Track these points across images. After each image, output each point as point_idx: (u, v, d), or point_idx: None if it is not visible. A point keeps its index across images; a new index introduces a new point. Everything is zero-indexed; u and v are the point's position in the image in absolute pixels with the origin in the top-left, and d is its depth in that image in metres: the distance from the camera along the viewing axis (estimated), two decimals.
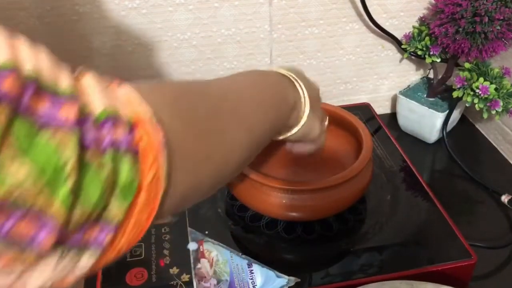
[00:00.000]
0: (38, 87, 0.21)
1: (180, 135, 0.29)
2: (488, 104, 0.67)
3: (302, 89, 0.45)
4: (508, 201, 0.64)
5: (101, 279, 0.52)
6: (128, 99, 0.26)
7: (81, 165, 0.22)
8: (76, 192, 0.22)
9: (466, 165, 0.71)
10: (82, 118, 0.23)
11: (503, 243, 0.61)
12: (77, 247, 0.23)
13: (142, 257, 0.54)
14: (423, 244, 0.56)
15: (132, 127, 0.25)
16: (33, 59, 0.21)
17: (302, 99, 0.45)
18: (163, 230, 0.57)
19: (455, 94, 0.70)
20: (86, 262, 0.24)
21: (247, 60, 0.76)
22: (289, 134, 0.45)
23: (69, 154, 0.21)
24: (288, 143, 0.51)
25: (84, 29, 0.68)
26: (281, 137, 0.46)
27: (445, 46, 0.70)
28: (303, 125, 0.45)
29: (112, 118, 0.24)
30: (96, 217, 0.23)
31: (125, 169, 0.24)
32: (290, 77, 0.45)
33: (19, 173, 0.19)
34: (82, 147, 0.22)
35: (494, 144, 0.78)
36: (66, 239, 0.22)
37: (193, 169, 0.30)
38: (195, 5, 0.69)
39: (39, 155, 0.20)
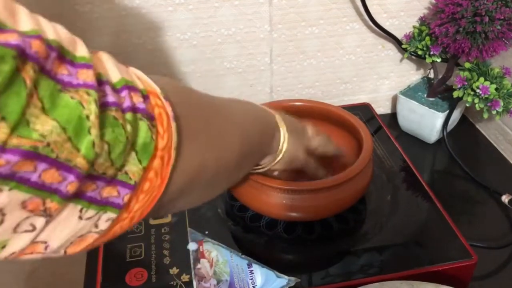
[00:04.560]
0: (60, 53, 0.23)
1: (185, 117, 0.31)
2: (488, 104, 0.67)
3: (279, 118, 0.49)
4: (508, 201, 0.64)
5: (101, 279, 0.52)
6: (138, 76, 0.29)
7: (106, 120, 0.24)
8: (100, 145, 0.23)
9: (467, 165, 0.71)
10: (100, 82, 0.24)
11: (503, 243, 0.61)
12: (97, 205, 0.25)
13: (142, 257, 0.54)
14: (423, 244, 0.56)
15: (145, 96, 0.27)
16: (53, 30, 0.23)
17: (280, 126, 0.48)
18: (163, 230, 0.57)
19: (455, 94, 0.70)
20: (104, 222, 0.26)
21: (247, 60, 0.76)
22: (277, 158, 0.49)
23: (91, 107, 0.23)
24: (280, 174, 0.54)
25: (84, 29, 0.68)
26: (268, 164, 0.49)
27: (445, 46, 0.70)
28: (285, 151, 0.48)
29: (128, 87, 0.26)
30: (115, 174, 0.25)
31: (143, 131, 0.26)
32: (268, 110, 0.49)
33: (44, 127, 0.21)
34: (106, 104, 0.24)
35: (495, 144, 0.78)
36: (87, 192, 0.24)
37: (198, 150, 0.33)
38: (195, 5, 0.69)
39: (62, 111, 0.22)
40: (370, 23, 0.74)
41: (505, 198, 0.65)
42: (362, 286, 0.46)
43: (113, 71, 0.26)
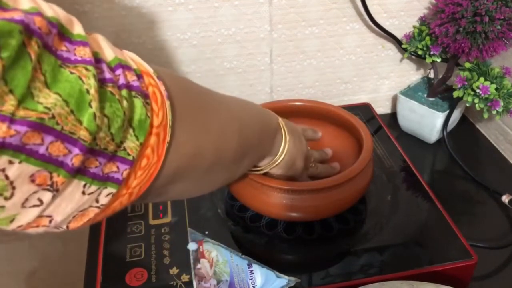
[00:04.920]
0: (59, 30, 0.23)
1: (179, 99, 0.32)
2: (488, 104, 0.67)
3: (281, 121, 0.50)
4: (508, 201, 0.64)
5: (101, 279, 0.52)
6: (132, 58, 0.30)
7: (104, 95, 0.25)
8: (100, 118, 0.24)
9: (467, 165, 0.71)
10: (97, 60, 0.25)
11: (503, 243, 0.60)
12: (99, 181, 0.26)
13: (142, 257, 0.54)
14: (423, 244, 0.56)
15: (139, 76, 0.28)
16: (51, 8, 0.24)
17: (282, 129, 0.49)
18: (163, 230, 0.57)
19: (455, 94, 0.70)
20: (104, 197, 0.27)
21: (247, 60, 0.76)
22: (276, 161, 0.49)
23: (90, 82, 0.23)
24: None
25: (84, 29, 0.68)
26: (267, 166, 0.50)
27: (445, 46, 0.70)
28: (285, 153, 0.49)
29: (122, 65, 0.27)
30: (116, 150, 0.26)
31: (138, 108, 0.27)
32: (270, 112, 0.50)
33: (48, 100, 0.22)
34: (103, 81, 0.25)
35: (495, 144, 0.78)
36: (90, 169, 0.25)
37: (192, 132, 0.34)
38: (195, 5, 0.69)
39: (64, 85, 0.22)
40: (370, 23, 0.74)
41: (505, 198, 0.65)
42: (362, 286, 0.46)
43: (108, 51, 0.27)
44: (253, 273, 0.52)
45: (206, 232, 0.57)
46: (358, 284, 0.48)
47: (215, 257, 0.53)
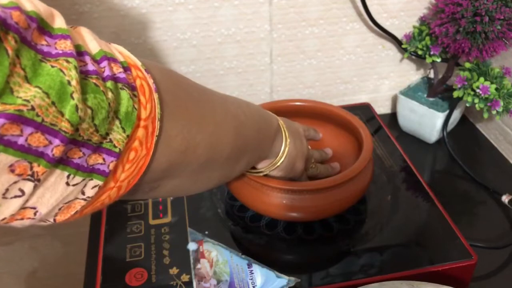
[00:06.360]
0: (39, 24, 0.23)
1: (168, 92, 0.32)
2: (488, 104, 0.67)
3: (282, 123, 0.50)
4: (508, 201, 0.64)
5: (101, 279, 0.52)
6: (119, 51, 0.29)
7: (87, 87, 0.24)
8: (83, 109, 0.24)
9: (467, 165, 0.71)
10: (79, 53, 0.25)
11: (503, 243, 0.60)
12: (83, 171, 0.26)
13: (142, 257, 0.54)
14: (423, 244, 0.56)
15: (126, 68, 0.28)
16: (30, 2, 0.23)
17: (282, 131, 0.49)
18: (163, 230, 0.57)
19: (455, 94, 0.70)
20: (90, 189, 0.27)
21: (247, 60, 0.76)
22: (276, 163, 0.50)
23: (71, 74, 0.23)
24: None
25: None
26: (266, 168, 0.50)
27: (445, 46, 0.70)
28: (285, 156, 0.49)
29: (107, 58, 0.27)
30: (100, 142, 0.26)
31: (124, 99, 0.27)
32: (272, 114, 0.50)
33: (28, 94, 0.22)
34: (86, 73, 0.25)
35: (495, 144, 0.78)
36: (74, 159, 0.25)
37: (183, 126, 0.33)
38: (195, 5, 0.69)
39: (45, 78, 0.22)
40: (370, 23, 0.74)
41: (505, 198, 0.65)
42: (362, 286, 0.46)
43: (92, 44, 0.27)
44: (253, 273, 0.52)
45: (206, 232, 0.57)
46: (358, 284, 0.48)
47: (215, 257, 0.53)
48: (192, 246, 0.55)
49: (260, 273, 0.52)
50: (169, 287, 0.51)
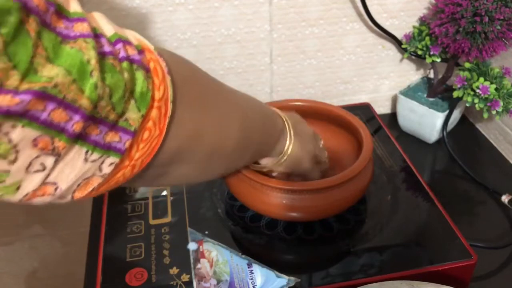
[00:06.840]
0: (56, 8, 0.24)
1: (180, 75, 0.33)
2: (488, 104, 0.67)
3: (287, 122, 0.50)
4: (508, 201, 0.64)
5: (101, 279, 0.52)
6: (133, 35, 0.30)
7: (105, 66, 0.25)
8: (102, 87, 0.25)
9: (467, 165, 0.71)
10: (96, 35, 0.26)
11: (503, 243, 0.61)
12: (101, 148, 0.27)
13: (142, 257, 0.54)
14: (423, 244, 0.56)
15: (140, 51, 0.29)
16: None
17: (287, 130, 0.49)
18: (163, 230, 0.57)
19: (455, 94, 0.70)
20: (108, 166, 0.28)
21: (247, 60, 0.76)
22: (279, 161, 0.50)
23: (90, 53, 0.24)
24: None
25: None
26: (270, 164, 0.50)
27: (445, 46, 0.70)
28: (289, 155, 0.49)
29: (122, 40, 0.28)
30: (117, 120, 0.27)
31: (139, 80, 0.28)
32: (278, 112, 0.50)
33: (51, 73, 0.22)
34: (103, 54, 0.26)
35: (495, 144, 0.78)
36: (91, 136, 0.26)
37: (192, 111, 0.34)
38: (195, 5, 0.69)
39: (65, 58, 0.23)
40: (370, 23, 0.74)
41: (505, 198, 0.65)
42: (362, 286, 0.46)
43: (107, 27, 0.28)
44: (253, 273, 0.52)
45: (206, 232, 0.57)
46: (358, 284, 0.48)
47: (215, 257, 0.53)
48: (192, 246, 0.55)
49: (260, 273, 0.52)
50: (169, 287, 0.51)
